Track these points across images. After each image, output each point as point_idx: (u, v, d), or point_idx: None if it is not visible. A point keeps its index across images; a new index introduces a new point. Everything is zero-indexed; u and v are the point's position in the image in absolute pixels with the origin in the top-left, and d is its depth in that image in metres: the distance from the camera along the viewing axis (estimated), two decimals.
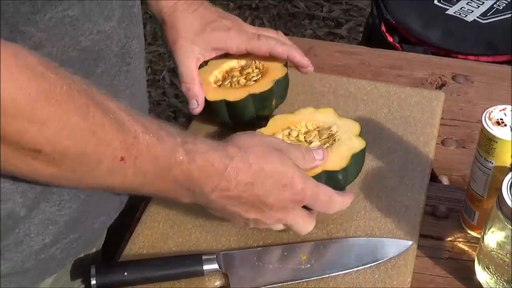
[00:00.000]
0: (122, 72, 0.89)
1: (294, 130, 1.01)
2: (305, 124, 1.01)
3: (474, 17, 1.69)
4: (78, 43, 0.79)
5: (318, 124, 1.01)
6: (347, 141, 0.98)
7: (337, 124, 1.00)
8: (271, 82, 1.07)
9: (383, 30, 1.69)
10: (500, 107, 0.91)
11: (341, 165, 0.95)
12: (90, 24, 0.80)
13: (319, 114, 1.02)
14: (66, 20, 0.76)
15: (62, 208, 0.87)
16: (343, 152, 0.96)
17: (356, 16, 3.00)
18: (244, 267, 0.92)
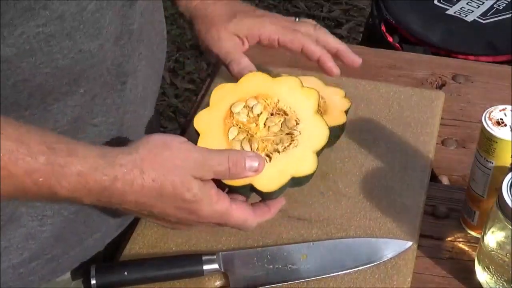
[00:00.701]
0: (115, 90, 0.85)
1: (259, 105, 0.89)
2: (276, 103, 0.89)
3: (474, 17, 1.68)
4: (53, 61, 0.74)
5: (287, 114, 0.89)
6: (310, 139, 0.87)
7: (308, 121, 0.89)
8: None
9: (383, 30, 1.69)
10: (500, 107, 0.91)
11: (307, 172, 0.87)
12: (70, 42, 0.74)
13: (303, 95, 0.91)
14: (41, 37, 0.72)
15: (43, 224, 0.85)
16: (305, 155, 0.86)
17: (356, 16, 3.00)
18: (244, 267, 0.92)
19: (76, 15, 0.73)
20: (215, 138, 0.86)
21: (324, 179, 1.04)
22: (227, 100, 0.88)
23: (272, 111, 0.89)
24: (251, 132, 0.87)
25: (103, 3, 0.76)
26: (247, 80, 0.90)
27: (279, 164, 0.85)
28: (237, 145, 0.86)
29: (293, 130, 0.88)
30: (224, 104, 0.88)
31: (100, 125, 0.85)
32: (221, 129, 0.86)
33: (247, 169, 0.80)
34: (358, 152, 1.08)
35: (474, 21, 1.68)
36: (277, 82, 0.90)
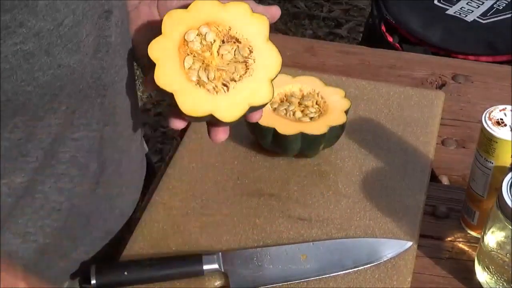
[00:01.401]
0: (95, 104, 0.84)
1: (212, 33, 0.86)
2: (228, 30, 0.87)
3: (474, 17, 1.69)
4: (34, 78, 0.73)
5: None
6: None
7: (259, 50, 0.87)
8: (326, 127, 1.02)
9: (383, 30, 1.69)
10: (500, 107, 0.91)
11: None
12: (49, 58, 0.73)
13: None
14: (19, 54, 0.70)
15: (26, 241, 0.84)
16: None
17: (356, 16, 3.00)
18: (244, 267, 0.92)
19: (53, 30, 0.72)
20: (171, 68, 0.84)
21: (324, 179, 1.04)
22: (180, 28, 0.86)
23: (224, 38, 0.87)
24: (207, 61, 0.86)
25: (80, 17, 0.74)
26: (197, 7, 0.87)
27: (237, 94, 0.85)
28: (194, 74, 0.85)
29: (247, 58, 0.87)
30: (177, 32, 0.86)
31: (81, 139, 0.84)
32: (176, 58, 0.85)
33: None
34: (358, 152, 1.08)
35: (474, 21, 1.68)
36: (227, 9, 0.88)
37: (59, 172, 0.84)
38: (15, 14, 0.67)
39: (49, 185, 0.83)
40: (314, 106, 1.06)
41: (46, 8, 0.69)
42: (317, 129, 1.02)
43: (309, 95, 1.08)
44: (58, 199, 0.85)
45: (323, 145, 1.05)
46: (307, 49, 1.30)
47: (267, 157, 1.07)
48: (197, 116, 0.83)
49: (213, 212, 0.99)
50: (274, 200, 1.01)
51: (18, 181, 0.80)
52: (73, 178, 0.86)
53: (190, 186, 1.03)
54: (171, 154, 1.10)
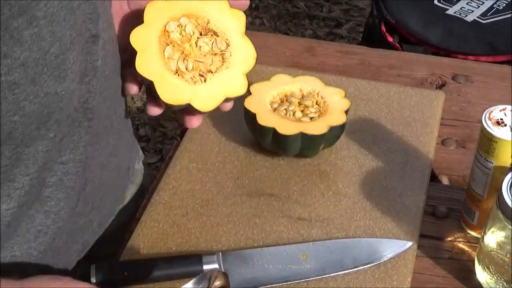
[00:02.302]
0: (82, 127, 0.84)
1: (191, 24, 0.90)
2: (206, 23, 0.91)
3: (474, 17, 1.69)
4: (20, 108, 0.72)
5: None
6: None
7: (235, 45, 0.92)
8: (327, 127, 1.02)
9: (383, 30, 1.69)
10: (500, 107, 0.91)
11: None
12: (35, 87, 0.72)
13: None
14: (4, 85, 0.69)
15: (11, 265, 0.83)
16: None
17: (356, 16, 3.00)
18: (244, 267, 0.92)
19: (39, 60, 0.71)
20: (152, 56, 0.88)
21: (324, 179, 1.04)
22: (161, 18, 0.90)
23: (202, 30, 0.91)
24: (186, 52, 0.89)
25: (67, 44, 0.74)
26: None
27: (214, 85, 0.89)
28: (173, 64, 0.88)
29: (224, 52, 0.91)
30: (158, 22, 0.89)
31: (67, 163, 0.84)
32: (156, 47, 0.88)
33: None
34: (358, 152, 1.08)
35: (474, 21, 1.68)
36: (207, 3, 0.91)
37: (46, 195, 0.83)
38: (1, 46, 0.66)
39: (35, 209, 0.83)
40: (314, 106, 1.06)
41: (32, 38, 0.68)
42: (317, 129, 1.02)
43: (309, 95, 1.08)
44: (44, 222, 0.84)
45: (323, 145, 1.05)
46: (307, 49, 1.30)
47: (267, 157, 1.07)
48: (175, 105, 0.87)
49: (213, 212, 0.99)
50: (274, 200, 1.01)
51: (4, 208, 0.78)
52: (60, 201, 0.85)
53: (190, 186, 1.03)
54: (171, 154, 1.10)
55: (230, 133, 1.11)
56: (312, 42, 1.40)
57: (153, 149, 2.43)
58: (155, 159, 2.37)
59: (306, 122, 1.04)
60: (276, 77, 1.11)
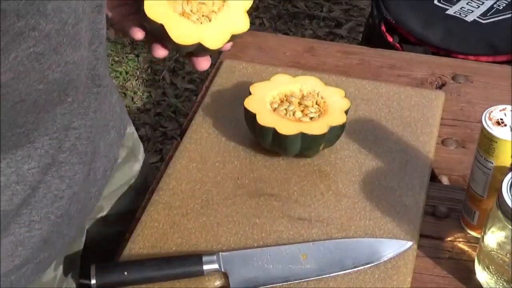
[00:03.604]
0: (92, 93, 0.89)
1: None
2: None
3: (474, 17, 1.69)
4: (45, 76, 0.77)
5: None
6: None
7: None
8: (327, 127, 1.02)
9: (383, 30, 1.69)
10: (500, 107, 0.91)
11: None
12: (57, 56, 0.77)
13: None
14: (32, 56, 0.74)
15: (31, 229, 0.86)
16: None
17: (356, 16, 3.00)
18: (244, 267, 0.92)
19: (60, 30, 0.75)
20: (159, 1, 0.91)
21: (324, 179, 1.04)
22: None
23: None
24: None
25: (80, 15, 0.78)
26: None
27: (219, 23, 0.94)
28: (179, 6, 0.93)
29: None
30: None
31: (79, 128, 0.88)
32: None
33: None
34: (358, 152, 1.08)
35: (474, 21, 1.68)
36: None
37: (61, 161, 0.87)
38: (29, 19, 0.70)
39: (51, 174, 0.86)
40: (314, 106, 1.06)
41: (54, 10, 0.72)
42: (317, 129, 1.02)
43: (309, 95, 1.08)
44: (60, 187, 0.88)
45: (323, 145, 1.05)
46: (307, 49, 1.30)
47: (267, 157, 1.07)
48: (186, 45, 0.91)
49: (213, 212, 0.99)
50: (274, 200, 1.01)
51: (26, 168, 0.83)
52: (74, 166, 0.89)
53: (190, 186, 1.03)
54: (171, 154, 1.10)
55: (230, 133, 1.11)
56: (312, 42, 1.40)
57: (153, 149, 2.42)
58: (155, 159, 2.37)
59: (306, 122, 1.04)
60: (276, 77, 1.11)
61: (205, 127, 1.12)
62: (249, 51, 1.29)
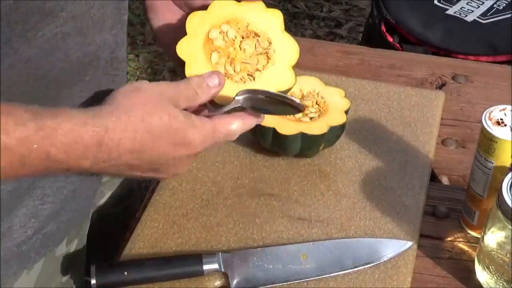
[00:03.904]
0: (110, 76, 0.90)
1: (232, 29, 0.93)
2: (246, 26, 0.93)
3: (474, 17, 1.68)
4: (68, 56, 0.80)
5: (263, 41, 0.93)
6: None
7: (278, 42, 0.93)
8: (327, 127, 1.02)
9: (383, 30, 1.69)
10: (500, 107, 0.91)
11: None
12: (81, 37, 0.81)
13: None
14: (58, 36, 0.78)
15: (44, 202, 0.88)
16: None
17: (356, 16, 3.00)
18: (244, 267, 0.92)
19: (86, 13, 0.80)
20: (199, 64, 0.90)
21: (324, 179, 1.04)
22: (203, 27, 0.93)
23: (244, 34, 0.94)
24: (231, 55, 0.92)
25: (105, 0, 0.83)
26: (215, 7, 0.94)
27: (263, 82, 0.91)
28: (221, 68, 0.91)
29: (267, 49, 0.93)
30: (201, 32, 0.92)
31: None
32: (203, 55, 0.91)
33: (211, 87, 0.85)
34: (358, 152, 1.08)
35: (474, 21, 1.68)
36: (243, 7, 0.94)
37: None
38: (58, 1, 0.76)
39: None
40: (314, 106, 1.06)
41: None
42: (317, 129, 1.02)
43: (309, 95, 1.08)
44: None
45: (323, 145, 1.05)
46: (307, 49, 1.30)
47: (267, 157, 1.07)
48: (220, 106, 0.87)
49: (213, 212, 0.99)
50: (274, 200, 1.01)
51: None
52: None
53: (190, 186, 1.03)
54: None
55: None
56: (312, 42, 1.40)
57: None
58: None
59: (306, 122, 1.04)
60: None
61: None
62: None
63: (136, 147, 0.77)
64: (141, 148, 0.78)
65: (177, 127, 0.79)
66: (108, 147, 0.75)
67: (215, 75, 0.86)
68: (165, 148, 0.80)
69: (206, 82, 0.85)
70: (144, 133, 0.77)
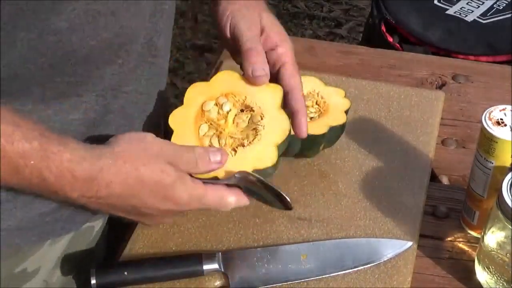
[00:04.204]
0: (146, 63, 0.93)
1: (229, 103, 0.94)
2: (244, 100, 0.94)
3: (474, 17, 1.68)
4: (98, 34, 0.83)
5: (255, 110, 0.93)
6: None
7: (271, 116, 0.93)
8: (327, 127, 1.02)
9: (383, 30, 1.69)
10: (500, 107, 0.91)
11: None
12: (113, 18, 0.83)
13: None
14: (89, 13, 0.80)
15: None
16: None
17: (356, 16, 3.00)
18: (244, 267, 0.92)
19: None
20: (187, 135, 0.92)
21: (324, 179, 1.04)
22: (200, 99, 0.95)
23: (240, 107, 0.94)
24: (220, 128, 0.93)
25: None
26: (218, 79, 0.96)
27: (243, 158, 0.91)
28: (207, 141, 0.92)
29: (257, 125, 0.93)
30: (196, 103, 0.94)
31: (129, 93, 0.93)
32: (192, 126, 0.93)
33: (212, 162, 0.87)
34: (358, 152, 1.08)
35: (474, 21, 1.68)
36: (245, 80, 0.95)
37: (107, 121, 0.92)
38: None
39: (94, 131, 0.91)
40: (314, 106, 1.06)
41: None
42: (317, 129, 1.02)
43: (309, 95, 1.08)
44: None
45: (323, 145, 1.05)
46: (307, 49, 1.30)
47: None
48: (203, 178, 0.88)
49: (213, 212, 0.99)
50: None
51: (71, 118, 0.88)
52: (118, 128, 0.92)
53: None
54: None
55: None
56: (312, 42, 1.40)
57: None
58: None
59: None
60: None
61: None
62: None
63: (124, 192, 0.82)
64: (129, 194, 0.83)
65: (167, 183, 0.83)
66: (98, 185, 0.81)
67: (219, 152, 0.88)
68: (152, 200, 0.84)
69: (209, 156, 0.87)
70: (134, 181, 0.82)
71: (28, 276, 0.94)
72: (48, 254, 0.95)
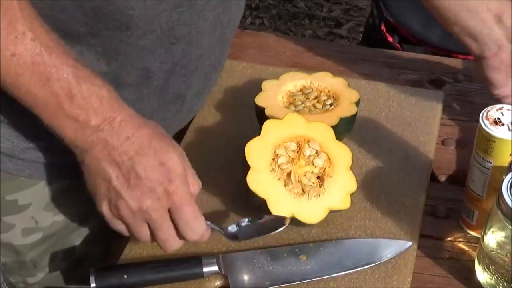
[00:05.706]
0: (164, 47, 0.94)
1: (311, 148, 0.99)
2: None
3: None
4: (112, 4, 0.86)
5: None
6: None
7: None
8: (337, 119, 1.03)
9: (383, 30, 1.69)
10: (497, 106, 0.91)
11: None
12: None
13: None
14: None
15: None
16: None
17: (356, 16, 3.00)
18: (244, 269, 0.92)
19: None
20: (264, 174, 0.95)
21: None
22: (275, 136, 0.98)
23: (316, 154, 0.98)
24: (294, 170, 0.96)
25: None
26: (290, 121, 0.99)
27: (317, 201, 0.95)
28: (281, 181, 0.95)
29: (325, 175, 0.97)
30: (272, 139, 0.97)
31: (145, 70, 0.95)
32: (269, 164, 0.96)
33: (201, 224, 0.87)
34: (358, 152, 1.08)
35: None
36: (313, 128, 0.99)
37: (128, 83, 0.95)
38: None
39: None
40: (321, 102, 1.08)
41: None
42: (328, 120, 1.02)
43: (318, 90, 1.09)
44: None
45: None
46: (307, 49, 1.30)
47: None
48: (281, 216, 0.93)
49: (213, 212, 0.99)
50: None
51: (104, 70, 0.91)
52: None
53: None
54: None
55: (231, 133, 1.11)
56: (312, 42, 1.40)
57: None
58: None
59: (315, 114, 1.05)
60: (288, 75, 1.12)
61: (205, 127, 1.12)
62: (249, 51, 1.29)
63: (131, 134, 0.83)
64: (134, 139, 0.83)
65: (169, 154, 0.84)
66: (114, 121, 0.82)
67: (210, 229, 0.89)
68: (149, 157, 0.83)
69: (204, 223, 0.87)
70: (144, 134, 0.84)
71: (18, 208, 0.98)
72: (40, 194, 0.98)
